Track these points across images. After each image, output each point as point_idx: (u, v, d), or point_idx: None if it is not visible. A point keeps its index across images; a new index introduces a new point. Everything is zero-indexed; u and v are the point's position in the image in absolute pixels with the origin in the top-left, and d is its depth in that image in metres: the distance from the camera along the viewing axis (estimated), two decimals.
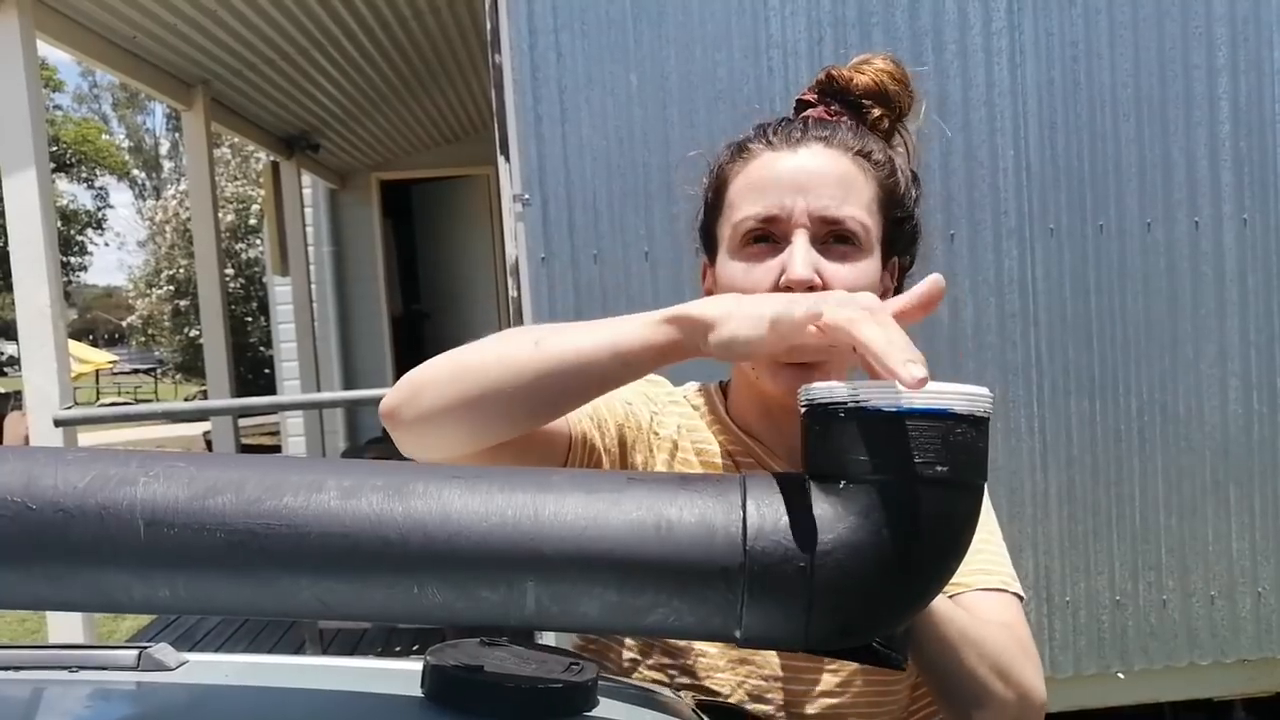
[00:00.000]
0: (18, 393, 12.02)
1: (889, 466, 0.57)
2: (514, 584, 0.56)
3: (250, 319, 20.32)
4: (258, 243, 20.13)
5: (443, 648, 0.64)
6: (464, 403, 0.79)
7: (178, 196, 24.37)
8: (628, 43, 2.57)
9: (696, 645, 0.95)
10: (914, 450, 0.57)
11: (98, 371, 27.82)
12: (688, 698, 0.87)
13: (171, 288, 24.21)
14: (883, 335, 0.60)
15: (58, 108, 32.33)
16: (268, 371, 13.27)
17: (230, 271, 17.80)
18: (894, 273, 0.98)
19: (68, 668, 0.67)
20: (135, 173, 39.68)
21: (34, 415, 3.47)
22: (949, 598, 0.88)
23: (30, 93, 3.45)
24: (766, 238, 0.91)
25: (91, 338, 40.59)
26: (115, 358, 33.29)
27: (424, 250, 8.16)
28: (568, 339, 0.77)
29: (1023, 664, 0.86)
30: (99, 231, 34.32)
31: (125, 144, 40.07)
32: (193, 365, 23.46)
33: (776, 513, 0.57)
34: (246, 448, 7.48)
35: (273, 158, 6.75)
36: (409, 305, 8.23)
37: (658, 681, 0.95)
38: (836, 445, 0.59)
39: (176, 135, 33.69)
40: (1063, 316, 2.73)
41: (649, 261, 2.59)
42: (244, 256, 21.13)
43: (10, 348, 29.87)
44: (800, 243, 0.89)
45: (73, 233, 30.55)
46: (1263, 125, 2.75)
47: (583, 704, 0.61)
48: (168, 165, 39.82)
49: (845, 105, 0.98)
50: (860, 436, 0.58)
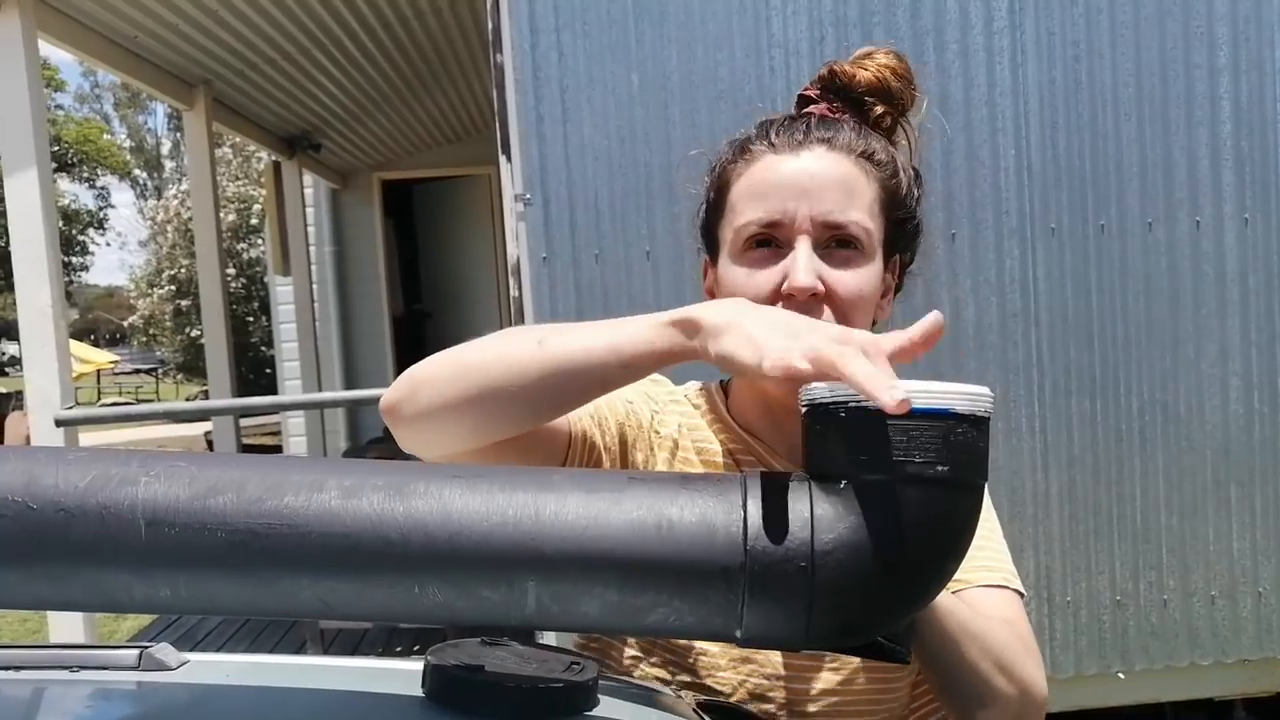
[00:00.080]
0: (19, 392, 12.05)
1: (890, 466, 0.57)
2: (515, 584, 0.56)
3: (252, 319, 20.31)
4: (259, 242, 20.12)
5: (443, 647, 0.64)
6: (464, 400, 0.79)
7: (179, 196, 24.38)
8: (629, 42, 2.57)
9: (698, 644, 0.95)
10: (915, 450, 0.57)
11: (99, 371, 27.86)
12: (689, 697, 0.87)
13: (173, 287, 24.19)
14: (867, 369, 0.59)
15: (59, 107, 32.41)
16: (269, 371, 13.26)
17: (232, 271, 17.78)
18: (895, 270, 0.98)
19: (69, 667, 0.67)
20: (137, 172, 39.73)
21: (35, 415, 3.47)
22: (951, 593, 0.88)
23: (32, 92, 3.45)
24: (769, 242, 0.91)
25: (93, 337, 40.63)
26: (116, 358, 33.33)
27: (425, 250, 8.16)
28: (570, 339, 0.76)
29: (1024, 659, 0.86)
30: (100, 231, 34.45)
31: (127, 144, 40.11)
32: (194, 365, 23.46)
33: (777, 512, 0.57)
34: (248, 448, 7.48)
35: (274, 157, 6.75)
36: (410, 305, 8.22)
37: (659, 680, 0.95)
38: (837, 445, 0.59)
39: (178, 135, 33.62)
40: (1064, 316, 2.73)
41: (650, 261, 2.59)
42: (245, 256, 21.12)
43: (12, 348, 29.92)
44: (803, 249, 0.88)
45: (74, 232, 30.59)
46: (1264, 125, 2.75)
47: (583, 703, 0.61)
48: (169, 165, 39.82)
49: (847, 102, 0.97)
50: (861, 436, 0.58)
